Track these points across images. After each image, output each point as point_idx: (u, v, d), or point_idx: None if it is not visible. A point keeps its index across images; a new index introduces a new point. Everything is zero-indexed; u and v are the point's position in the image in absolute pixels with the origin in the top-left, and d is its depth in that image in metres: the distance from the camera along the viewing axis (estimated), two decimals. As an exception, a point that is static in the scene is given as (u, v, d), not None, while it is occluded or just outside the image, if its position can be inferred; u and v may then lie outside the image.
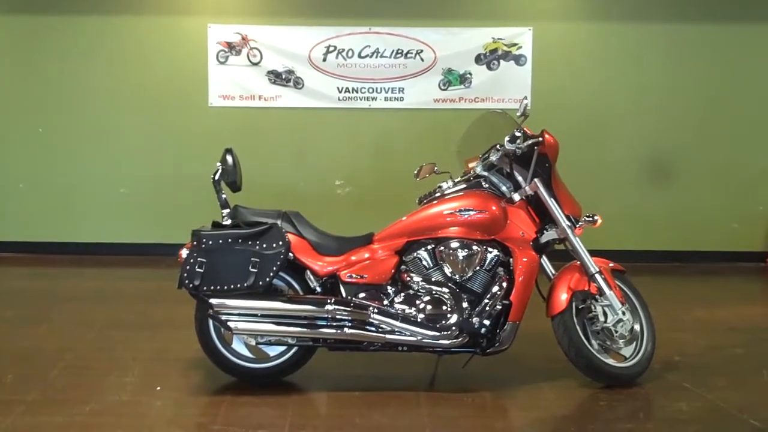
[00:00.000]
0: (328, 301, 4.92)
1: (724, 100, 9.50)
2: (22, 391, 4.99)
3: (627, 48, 9.47)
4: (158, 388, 5.11)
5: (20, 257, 9.38)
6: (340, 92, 9.40)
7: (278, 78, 9.36)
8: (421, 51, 9.37)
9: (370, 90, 9.41)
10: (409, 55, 9.38)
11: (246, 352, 5.14)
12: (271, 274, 4.85)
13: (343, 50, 9.36)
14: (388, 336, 4.95)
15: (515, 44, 9.37)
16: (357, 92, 9.41)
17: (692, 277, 9.07)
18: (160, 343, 6.05)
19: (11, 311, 7.02)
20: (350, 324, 4.94)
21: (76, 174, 9.48)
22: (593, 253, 5.25)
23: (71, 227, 9.51)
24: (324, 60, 9.37)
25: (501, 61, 9.41)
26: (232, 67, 9.35)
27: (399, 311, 4.99)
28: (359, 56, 9.38)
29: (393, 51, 9.37)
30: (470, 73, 9.41)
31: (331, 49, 9.35)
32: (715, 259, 9.50)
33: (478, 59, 9.40)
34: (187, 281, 4.84)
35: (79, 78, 9.38)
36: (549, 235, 5.19)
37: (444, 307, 5.00)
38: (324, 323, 4.94)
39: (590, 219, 5.18)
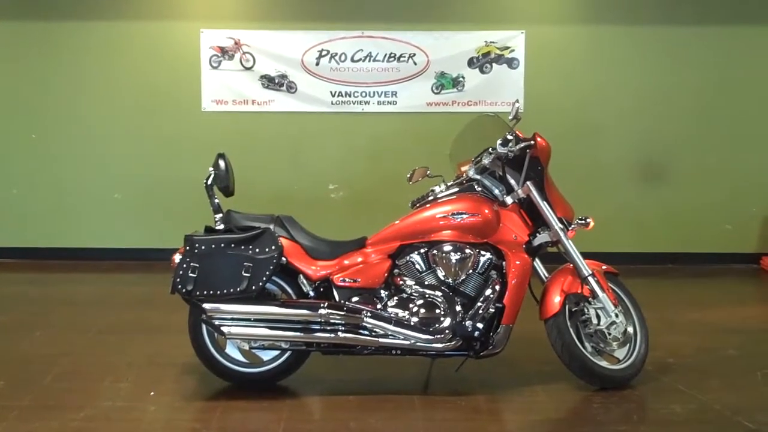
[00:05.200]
0: (321, 305, 4.92)
1: (717, 102, 9.52)
2: (15, 396, 4.99)
3: (619, 50, 9.49)
4: (152, 393, 5.10)
5: (14, 263, 9.37)
6: (333, 96, 9.41)
7: (271, 82, 9.37)
8: (414, 55, 9.38)
9: (363, 94, 9.41)
10: (401, 59, 9.39)
11: (240, 357, 5.14)
12: (264, 278, 4.85)
13: (336, 54, 9.37)
14: (381, 340, 4.96)
15: (508, 47, 9.39)
16: (350, 96, 9.42)
17: (685, 278, 9.09)
18: (155, 348, 6.04)
19: (5, 317, 7.03)
20: (343, 328, 4.94)
21: (69, 179, 9.48)
22: (587, 255, 5.26)
23: (65, 232, 9.51)
24: (317, 64, 9.37)
25: (494, 65, 9.42)
26: (225, 72, 9.36)
27: (392, 315, 5.00)
28: (352, 60, 9.38)
29: (386, 55, 9.38)
30: (463, 77, 9.42)
31: (324, 53, 9.36)
32: (709, 260, 9.51)
33: (471, 63, 9.41)
34: (180, 286, 4.85)
35: (73, 83, 9.38)
36: (542, 238, 5.19)
37: (437, 311, 5.00)
38: (317, 327, 4.94)
39: (582, 222, 5.20)
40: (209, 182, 5.06)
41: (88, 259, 9.36)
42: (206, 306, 4.87)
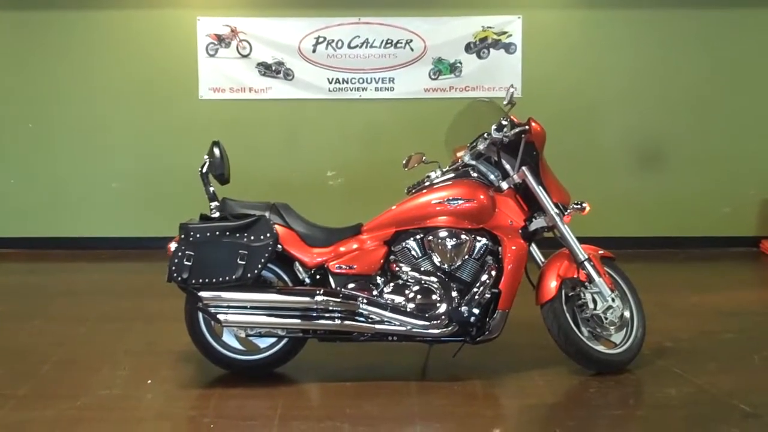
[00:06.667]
0: (317, 292, 4.92)
1: (715, 86, 9.48)
2: (12, 385, 5.01)
3: (617, 34, 9.45)
4: (149, 381, 5.12)
5: (12, 253, 9.36)
6: (330, 83, 9.39)
7: (268, 70, 9.35)
8: (411, 40, 9.35)
9: (361, 80, 9.39)
10: (398, 45, 9.36)
11: (236, 344, 5.15)
12: (260, 266, 4.86)
13: (333, 41, 9.34)
14: (377, 326, 4.96)
15: (505, 32, 9.36)
16: (347, 83, 9.40)
17: (684, 262, 9.06)
18: (152, 336, 6.06)
19: (3, 306, 7.04)
20: (340, 315, 4.94)
21: (67, 169, 9.47)
22: (586, 240, 5.28)
23: (63, 222, 9.50)
24: (314, 51, 9.34)
25: (491, 50, 9.39)
26: (222, 60, 9.33)
27: (388, 301, 5.00)
28: (349, 47, 9.36)
29: (382, 41, 9.35)
30: (460, 62, 9.39)
31: (321, 40, 9.33)
32: (707, 244, 9.48)
33: (468, 48, 9.38)
34: (175, 274, 4.85)
35: (70, 73, 9.36)
36: (538, 223, 5.19)
37: (433, 297, 5.01)
38: (313, 314, 4.94)
39: (578, 206, 5.19)
40: (204, 170, 5.06)
41: (87, 249, 9.35)
42: (202, 294, 4.87)
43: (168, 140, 9.41)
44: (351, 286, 5.05)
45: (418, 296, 5.02)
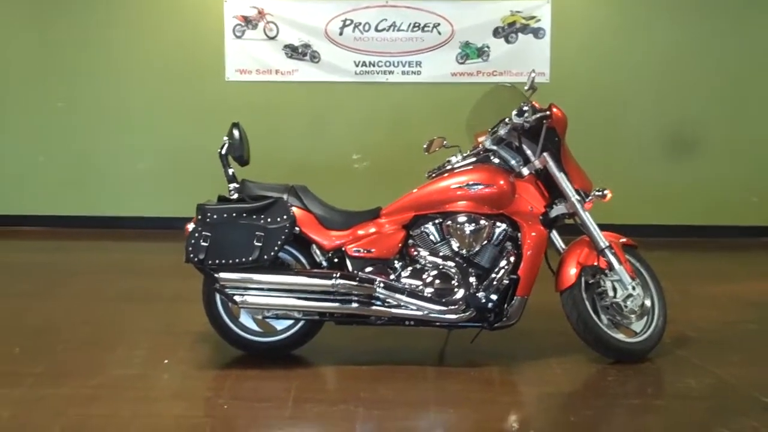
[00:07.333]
0: (334, 275, 4.90)
1: (746, 72, 9.35)
2: (30, 363, 5.04)
3: (646, 19, 9.33)
4: (166, 361, 5.13)
5: (39, 230, 9.44)
6: (357, 66, 9.36)
7: (295, 52, 9.33)
8: (438, 24, 9.30)
9: (387, 64, 9.35)
10: (426, 29, 9.30)
11: (253, 326, 5.14)
12: (276, 248, 4.85)
13: (360, 24, 9.30)
14: (394, 310, 4.94)
15: (534, 17, 9.27)
16: (374, 66, 9.36)
17: (710, 251, 8.95)
18: (171, 317, 6.08)
19: (26, 285, 7.09)
20: (356, 298, 4.93)
21: (94, 148, 9.53)
22: (609, 227, 5.22)
23: (90, 201, 9.57)
24: (340, 34, 9.31)
25: (519, 34, 9.31)
26: (248, 42, 9.32)
27: (406, 286, 4.98)
28: (376, 30, 9.32)
29: (410, 24, 9.30)
30: (488, 47, 9.33)
31: (348, 22, 9.30)
32: (734, 233, 9.37)
33: (496, 32, 9.31)
34: (192, 255, 4.85)
35: (98, 53, 9.41)
36: (558, 209, 5.13)
37: (451, 282, 4.98)
38: (330, 297, 4.93)
39: (600, 193, 5.12)
40: (223, 152, 5.06)
41: (112, 228, 9.42)
42: (219, 275, 4.87)
43: (194, 121, 9.42)
44: (368, 269, 5.02)
45: (436, 281, 4.99)
